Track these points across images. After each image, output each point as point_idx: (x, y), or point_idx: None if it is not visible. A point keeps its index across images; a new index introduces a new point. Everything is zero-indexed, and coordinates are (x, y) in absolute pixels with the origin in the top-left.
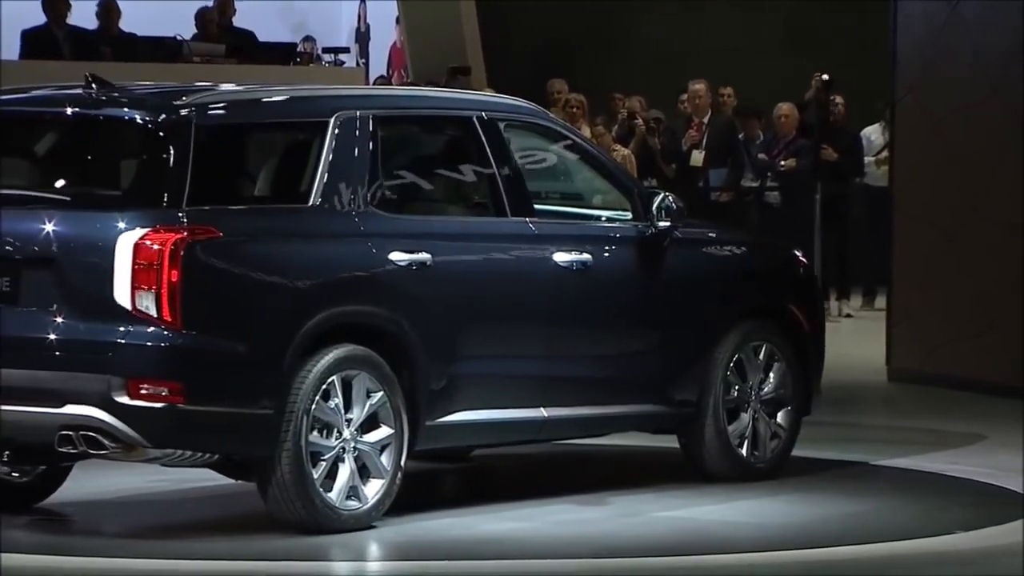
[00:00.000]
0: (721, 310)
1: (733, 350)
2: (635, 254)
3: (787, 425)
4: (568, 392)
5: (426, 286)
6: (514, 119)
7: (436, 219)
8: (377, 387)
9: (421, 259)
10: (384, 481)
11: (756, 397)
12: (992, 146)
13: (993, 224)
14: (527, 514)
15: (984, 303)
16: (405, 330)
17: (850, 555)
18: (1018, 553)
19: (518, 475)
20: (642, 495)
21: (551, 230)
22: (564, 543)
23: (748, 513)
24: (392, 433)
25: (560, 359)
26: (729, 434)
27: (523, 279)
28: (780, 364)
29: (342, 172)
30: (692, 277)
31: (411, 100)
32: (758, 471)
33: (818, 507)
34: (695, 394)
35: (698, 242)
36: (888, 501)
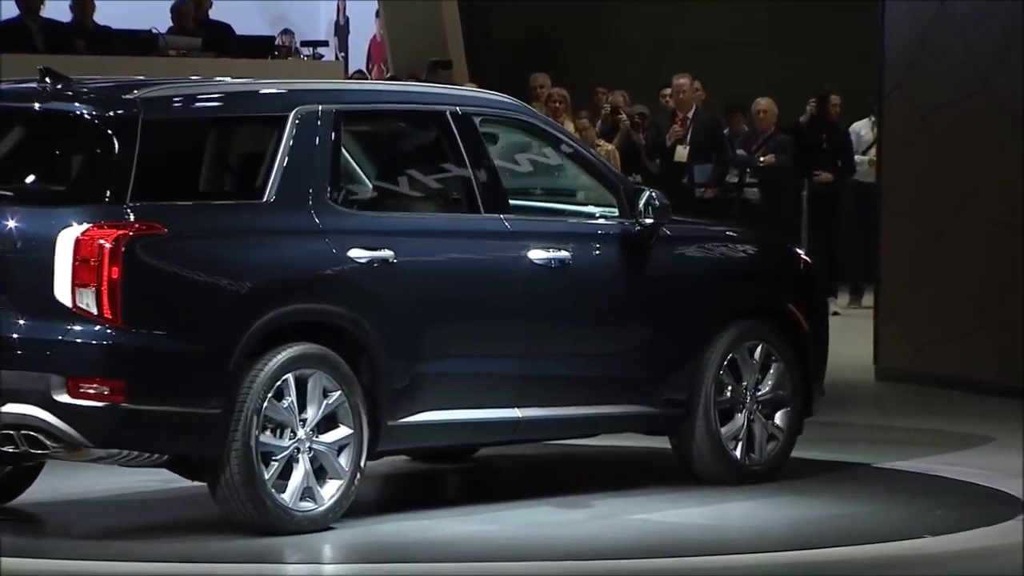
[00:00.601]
0: (712, 309)
1: (726, 350)
2: (619, 251)
3: (785, 426)
4: (545, 392)
5: (388, 284)
6: (492, 114)
7: (401, 216)
8: (335, 386)
9: (383, 256)
10: (342, 482)
11: (752, 398)
12: (981, 143)
13: (982, 221)
14: (502, 516)
15: (972, 301)
16: (364, 328)
17: (840, 557)
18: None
19: (506, 476)
20: (628, 497)
21: (527, 227)
22: (529, 545)
23: (731, 515)
24: (351, 433)
25: (536, 358)
26: (722, 435)
27: (495, 277)
28: (778, 364)
29: (300, 168)
30: (680, 275)
31: (380, 95)
32: (754, 473)
33: (806, 509)
34: (684, 394)
35: (688, 239)
36: (878, 502)
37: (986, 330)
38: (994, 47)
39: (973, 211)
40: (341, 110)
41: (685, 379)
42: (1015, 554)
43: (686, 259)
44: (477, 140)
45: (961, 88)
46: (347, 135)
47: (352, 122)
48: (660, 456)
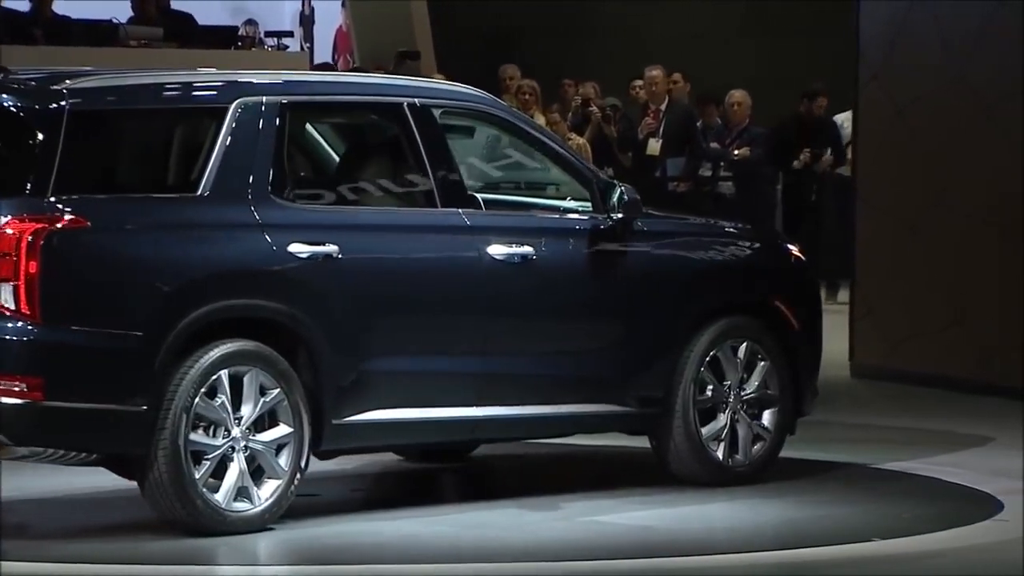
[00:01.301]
0: (690, 306)
1: (707, 348)
2: (588, 247)
3: (773, 427)
4: (506, 391)
5: (332, 279)
6: (456, 107)
7: (347, 210)
8: (273, 384)
9: (327, 251)
10: (281, 482)
11: (736, 397)
12: (957, 135)
13: (959, 215)
14: (461, 519)
15: (950, 296)
16: (305, 325)
17: (815, 557)
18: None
19: (486, 476)
20: (600, 499)
21: (487, 222)
22: (473, 546)
23: (696, 516)
24: (291, 432)
25: (496, 356)
26: (703, 436)
27: (450, 272)
28: (765, 363)
29: (239, 161)
30: (655, 271)
31: (332, 86)
32: (738, 475)
33: (778, 509)
34: (661, 394)
35: (664, 234)
36: (853, 501)
37: (964, 325)
38: (970, 39)
39: (950, 204)
40: (288, 102)
41: (661, 378)
42: (991, 554)
43: (662, 255)
44: (436, 133)
45: (937, 80)
46: (296, 128)
47: (301, 114)
48: (647, 456)
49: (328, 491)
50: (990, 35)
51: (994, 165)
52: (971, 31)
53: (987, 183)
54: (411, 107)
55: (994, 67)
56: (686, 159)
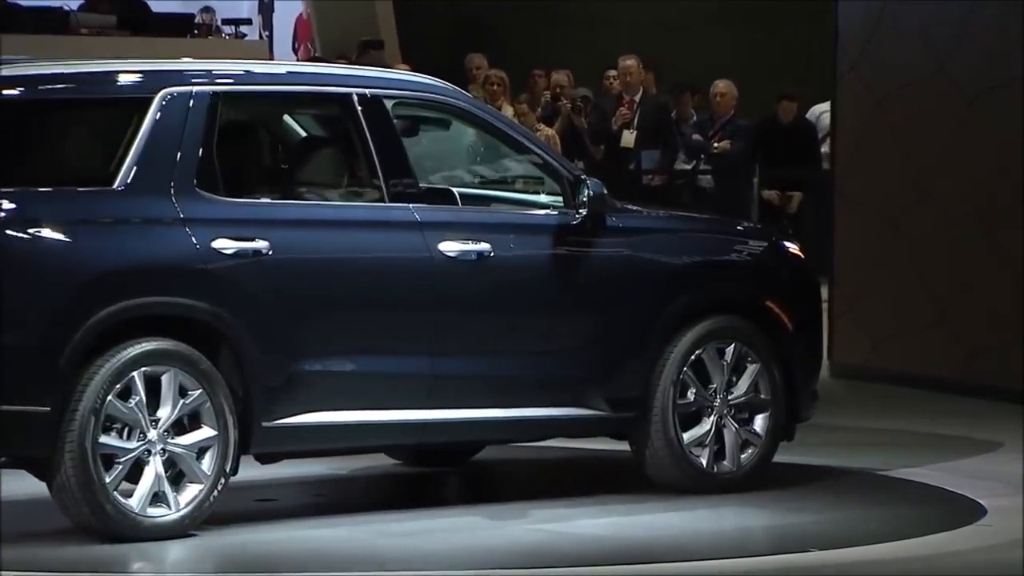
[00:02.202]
0: (669, 305)
1: (689, 349)
2: (553, 243)
3: (764, 432)
4: (460, 393)
5: (261, 276)
6: (412, 98)
7: (281, 204)
8: (194, 385)
9: (255, 247)
10: (203, 486)
11: (722, 401)
12: (940, 128)
13: (941, 209)
14: (412, 526)
15: (932, 294)
16: (229, 324)
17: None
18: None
19: (471, 481)
20: (580, 505)
21: (441, 218)
22: (403, 555)
23: (666, 524)
24: (214, 435)
25: (449, 357)
26: (684, 441)
27: (395, 270)
28: (755, 366)
29: (162, 153)
30: (628, 269)
31: (274, 76)
32: (723, 482)
33: (755, 515)
34: (635, 397)
35: (642, 231)
36: (832, 506)
37: (947, 324)
38: (951, 28)
39: (931, 199)
40: (221, 92)
41: (636, 380)
42: (973, 558)
43: (636, 252)
44: (386, 125)
45: (918, 72)
46: (232, 119)
47: (237, 105)
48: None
49: (290, 496)
50: (971, 25)
51: (976, 159)
52: (952, 21)
53: (969, 177)
54: (360, 98)
55: (976, 58)
56: (661, 151)
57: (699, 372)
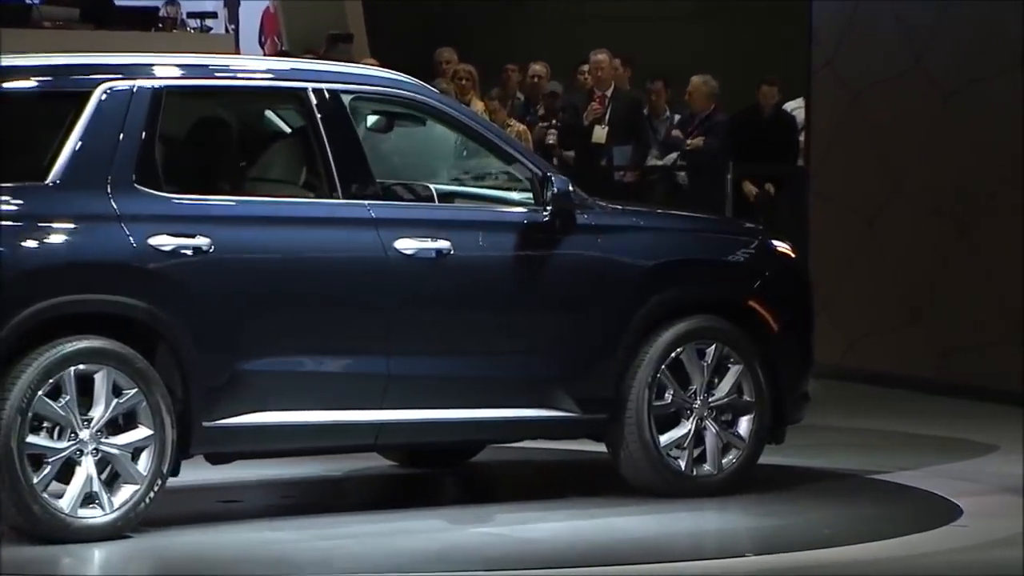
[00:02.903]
0: (642, 305)
1: (666, 350)
2: (519, 241)
3: (748, 435)
4: (418, 393)
5: (203, 274)
6: (372, 93)
7: (225, 201)
8: (129, 384)
9: (196, 244)
10: (138, 487)
11: (703, 403)
12: (915, 122)
13: (916, 207)
14: (368, 528)
15: (908, 292)
16: (165, 322)
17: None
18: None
19: (455, 483)
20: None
21: (398, 215)
22: (350, 558)
23: (626, 527)
24: (151, 435)
25: (406, 357)
26: (659, 444)
27: (346, 267)
28: (738, 367)
29: (98, 149)
30: (598, 267)
31: (224, 71)
32: (703, 485)
33: (728, 516)
34: (608, 398)
35: (615, 228)
36: (806, 507)
37: (922, 323)
38: (927, 21)
39: (907, 196)
40: (165, 87)
41: (607, 381)
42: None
43: (609, 250)
44: (342, 120)
45: (893, 66)
46: (179, 114)
47: (184, 100)
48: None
49: (256, 497)
50: (947, 20)
51: (952, 155)
52: (928, 15)
53: (945, 175)
54: (316, 93)
55: (952, 53)
56: (633, 147)
57: (679, 373)
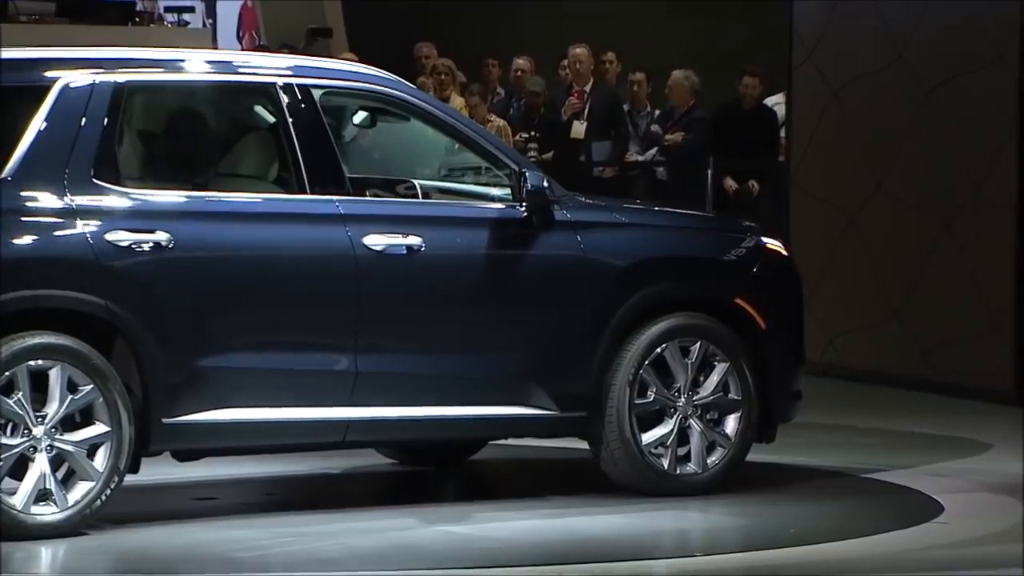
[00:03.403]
0: (623, 302)
1: (648, 348)
2: (492, 237)
3: (735, 434)
4: (387, 391)
5: (161, 269)
6: (345, 88)
7: (187, 196)
8: (85, 380)
9: (155, 240)
10: (94, 484)
11: (687, 401)
12: (897, 117)
13: (897, 203)
14: (336, 528)
15: (888, 289)
16: (123, 318)
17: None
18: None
19: (442, 481)
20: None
21: (368, 210)
22: (306, 556)
23: (596, 526)
24: (107, 431)
25: (375, 354)
26: (641, 442)
27: (312, 263)
28: (724, 365)
29: (55, 143)
30: (576, 263)
31: (190, 65)
32: (687, 484)
33: (706, 514)
34: (587, 396)
35: (595, 225)
36: (785, 504)
37: (903, 320)
38: (908, 16)
39: (888, 192)
40: (126, 82)
41: (586, 379)
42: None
43: (587, 245)
44: (312, 115)
45: (875, 61)
46: (141, 109)
47: (147, 95)
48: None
49: (236, 495)
50: (929, 16)
51: (934, 151)
52: (909, 10)
53: (927, 170)
54: (285, 88)
55: (933, 48)
56: (612, 143)
57: (663, 371)
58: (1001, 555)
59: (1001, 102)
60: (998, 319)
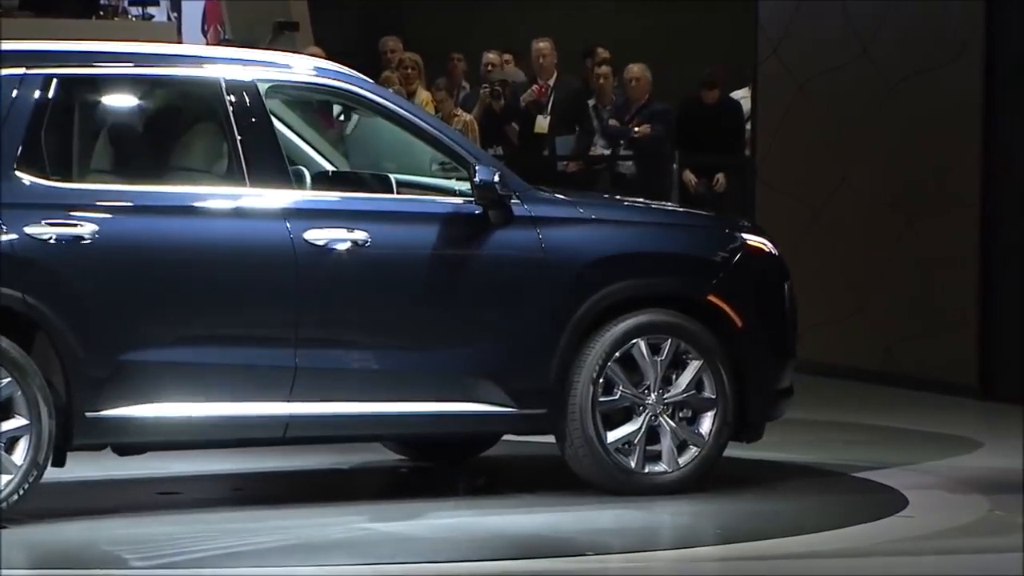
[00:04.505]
0: (586, 298)
1: (613, 345)
2: (444, 232)
3: (709, 433)
4: (331, 387)
5: (85, 263)
6: (292, 82)
7: (115, 190)
8: (4, 373)
9: (78, 233)
10: (12, 477)
11: (657, 400)
12: (862, 112)
13: (862, 197)
14: (279, 524)
15: (854, 283)
16: (43, 312)
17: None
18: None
19: (423, 478)
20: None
21: (311, 205)
22: (236, 552)
23: (556, 522)
24: (26, 424)
25: (316, 349)
26: (605, 440)
27: (247, 258)
28: (697, 363)
29: None
30: (535, 259)
31: (129, 59)
32: (656, 483)
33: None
34: (545, 393)
35: (554, 220)
36: (751, 499)
37: (868, 314)
38: (873, 11)
39: (854, 186)
40: (56, 75)
41: (546, 376)
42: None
43: (548, 242)
44: (255, 109)
45: (840, 55)
46: (73, 101)
47: (81, 88)
48: None
49: (201, 490)
50: (893, 10)
51: (898, 146)
52: (874, 5)
53: (892, 165)
54: (228, 82)
55: (898, 43)
56: (576, 138)
57: (632, 369)
58: (965, 548)
59: (965, 97)
60: (962, 313)
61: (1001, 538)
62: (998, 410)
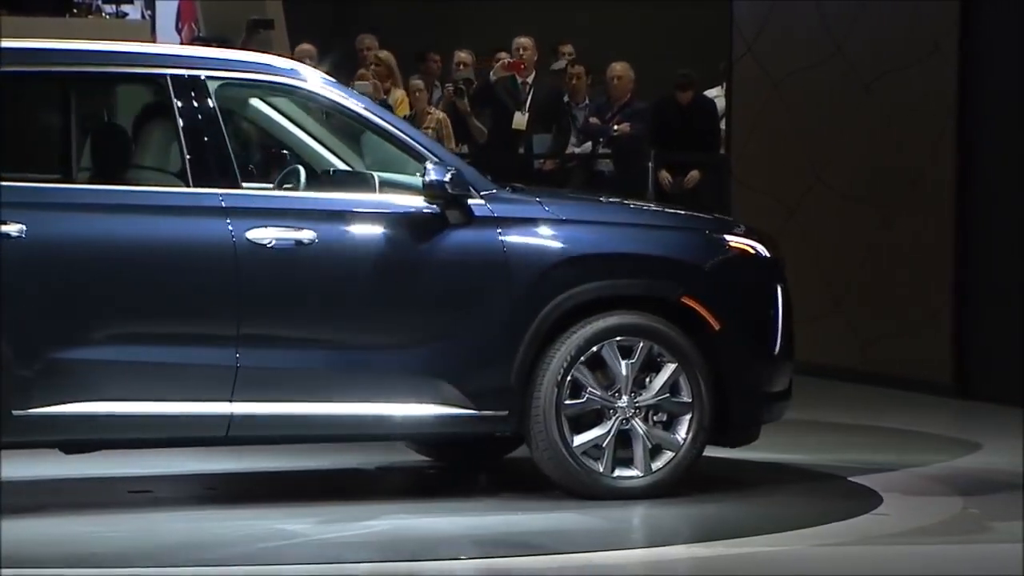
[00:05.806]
0: (549, 299)
1: (580, 347)
2: (398, 232)
3: (685, 437)
4: (276, 387)
5: (11, 261)
6: (246, 80)
7: (43, 186)
8: None
9: (5, 231)
10: None
11: (629, 403)
12: (836, 110)
13: (837, 196)
14: (240, 524)
15: (828, 281)
16: None
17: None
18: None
19: (407, 480)
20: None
21: (255, 204)
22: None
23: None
24: None
25: (260, 349)
26: (571, 444)
27: (184, 256)
28: (672, 366)
29: None
30: (494, 259)
31: (74, 56)
32: (626, 488)
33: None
34: (506, 395)
35: (517, 220)
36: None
37: (842, 312)
38: (848, 9)
39: (829, 184)
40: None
41: (506, 378)
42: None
43: (510, 242)
44: (203, 107)
45: (814, 53)
46: (16, 99)
47: (18, 86)
48: None
49: (173, 488)
50: (868, 8)
51: (873, 143)
52: (849, 3)
53: (867, 162)
54: (174, 79)
55: (872, 41)
56: (553, 136)
57: (605, 372)
58: (938, 545)
59: (939, 95)
60: (937, 311)
61: (974, 536)
62: (973, 408)
